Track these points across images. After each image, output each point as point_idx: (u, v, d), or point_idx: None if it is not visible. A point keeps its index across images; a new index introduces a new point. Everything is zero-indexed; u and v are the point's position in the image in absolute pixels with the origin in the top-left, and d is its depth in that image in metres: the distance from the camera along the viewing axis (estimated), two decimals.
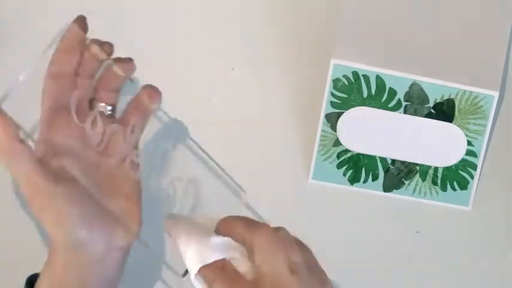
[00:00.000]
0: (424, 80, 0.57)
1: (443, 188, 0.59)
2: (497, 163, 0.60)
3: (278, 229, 0.41)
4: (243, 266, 0.41)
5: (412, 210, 0.59)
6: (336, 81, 0.57)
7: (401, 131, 0.58)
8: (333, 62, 0.56)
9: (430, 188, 0.59)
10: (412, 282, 0.61)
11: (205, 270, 0.41)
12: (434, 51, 0.57)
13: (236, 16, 0.61)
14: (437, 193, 0.59)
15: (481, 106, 0.58)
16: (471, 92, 0.57)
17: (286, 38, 0.61)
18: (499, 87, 0.58)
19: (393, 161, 0.58)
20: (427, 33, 0.57)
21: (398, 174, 0.58)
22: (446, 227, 0.60)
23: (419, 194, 0.59)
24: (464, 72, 0.57)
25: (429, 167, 0.58)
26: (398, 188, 0.59)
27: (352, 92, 0.57)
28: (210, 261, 0.41)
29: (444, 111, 0.58)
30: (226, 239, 0.41)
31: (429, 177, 0.59)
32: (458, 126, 0.58)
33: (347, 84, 0.57)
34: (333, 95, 0.57)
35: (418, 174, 0.58)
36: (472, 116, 0.58)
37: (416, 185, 0.59)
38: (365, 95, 0.57)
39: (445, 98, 0.57)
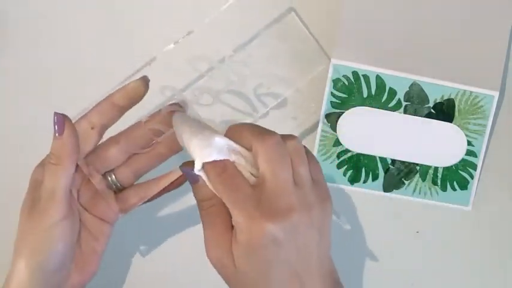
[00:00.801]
0: (424, 80, 0.57)
1: (443, 188, 0.59)
2: (497, 163, 0.60)
3: (288, 138, 0.40)
4: (246, 171, 0.39)
5: (412, 210, 0.59)
6: (336, 81, 0.57)
7: (401, 131, 0.58)
8: (333, 62, 0.56)
9: (430, 188, 0.59)
10: (412, 282, 0.61)
11: (207, 167, 0.40)
12: (434, 51, 0.57)
13: (236, 16, 0.61)
14: (437, 193, 0.59)
15: (481, 106, 0.58)
16: (471, 92, 0.57)
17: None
18: (499, 87, 0.58)
19: (393, 161, 0.58)
20: (427, 33, 0.57)
21: (398, 174, 0.58)
22: (446, 227, 0.60)
23: (419, 194, 0.59)
24: (464, 72, 0.57)
25: (429, 167, 0.58)
26: (398, 188, 0.59)
27: (352, 92, 0.57)
28: (211, 159, 0.39)
29: (444, 111, 0.58)
30: (231, 142, 0.40)
31: (429, 177, 0.59)
32: (458, 126, 0.58)
33: (347, 84, 0.57)
34: (333, 95, 0.57)
35: (418, 174, 0.58)
36: (472, 116, 0.58)
37: (416, 185, 0.59)
38: (365, 95, 0.57)
39: (445, 98, 0.57)
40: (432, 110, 0.58)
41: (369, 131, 0.58)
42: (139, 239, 0.59)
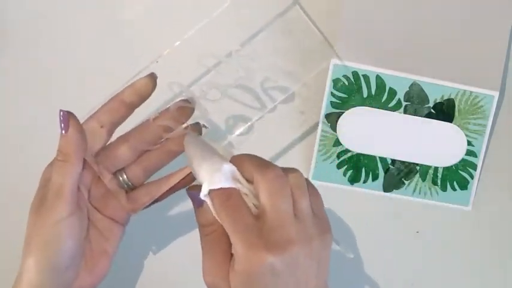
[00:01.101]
0: (424, 80, 0.57)
1: (443, 188, 0.59)
2: (497, 163, 0.60)
3: (289, 171, 0.40)
4: (250, 201, 0.40)
5: (412, 210, 0.59)
6: (336, 81, 0.57)
7: (401, 131, 0.58)
8: (333, 62, 0.56)
9: (430, 188, 0.59)
10: (412, 282, 0.61)
11: (213, 193, 0.40)
12: (434, 51, 0.57)
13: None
14: (437, 193, 0.59)
15: (481, 106, 0.58)
16: (471, 92, 0.57)
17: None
18: (499, 87, 0.58)
19: (393, 161, 0.58)
20: (427, 33, 0.57)
21: (398, 174, 0.58)
22: (446, 227, 0.60)
23: (419, 194, 0.59)
24: (464, 72, 0.57)
25: (429, 167, 0.58)
26: (398, 188, 0.59)
27: (352, 92, 0.57)
28: (218, 186, 0.40)
29: (444, 111, 0.58)
30: (237, 171, 0.40)
31: (429, 177, 0.59)
32: (458, 126, 0.58)
33: (347, 84, 0.57)
34: (333, 95, 0.57)
35: (418, 174, 0.58)
36: (472, 116, 0.58)
37: (416, 185, 0.59)
38: (365, 95, 0.57)
39: (445, 98, 0.57)
40: (432, 110, 0.58)
41: (369, 131, 0.58)
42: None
